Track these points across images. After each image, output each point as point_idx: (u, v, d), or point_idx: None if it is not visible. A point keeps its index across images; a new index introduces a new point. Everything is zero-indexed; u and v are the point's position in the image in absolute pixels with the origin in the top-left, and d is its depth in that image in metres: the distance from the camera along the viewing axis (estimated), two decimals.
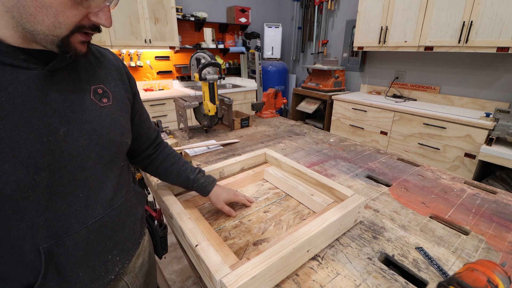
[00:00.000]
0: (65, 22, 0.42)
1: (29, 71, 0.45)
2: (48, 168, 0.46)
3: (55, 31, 0.42)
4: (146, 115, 0.77)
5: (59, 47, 0.44)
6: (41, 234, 0.47)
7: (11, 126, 0.42)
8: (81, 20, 0.44)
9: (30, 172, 0.44)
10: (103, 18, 0.46)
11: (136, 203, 0.69)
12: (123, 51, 3.14)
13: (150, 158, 0.81)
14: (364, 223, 0.84)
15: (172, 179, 0.84)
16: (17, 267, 0.47)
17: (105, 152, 0.55)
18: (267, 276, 0.58)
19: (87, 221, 0.52)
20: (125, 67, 0.67)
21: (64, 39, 0.44)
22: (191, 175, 0.84)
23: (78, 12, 0.43)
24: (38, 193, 0.46)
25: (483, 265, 0.52)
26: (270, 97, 2.11)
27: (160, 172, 0.83)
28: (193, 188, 0.85)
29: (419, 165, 1.25)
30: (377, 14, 2.70)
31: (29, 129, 0.44)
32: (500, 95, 2.33)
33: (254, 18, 4.10)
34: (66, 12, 0.41)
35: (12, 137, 0.42)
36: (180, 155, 0.87)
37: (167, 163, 0.82)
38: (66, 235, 0.49)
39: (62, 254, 0.49)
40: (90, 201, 0.53)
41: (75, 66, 0.53)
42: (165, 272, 1.79)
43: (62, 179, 0.49)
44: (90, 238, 0.53)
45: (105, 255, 0.57)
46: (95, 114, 0.54)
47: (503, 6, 1.92)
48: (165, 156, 0.83)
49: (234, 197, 0.88)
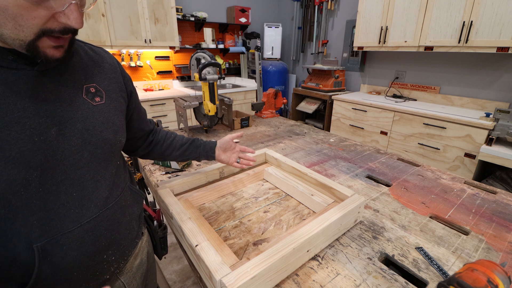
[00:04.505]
0: (26, 25, 0.40)
1: (18, 71, 0.45)
2: (40, 167, 0.47)
3: (20, 34, 0.40)
4: (143, 110, 0.81)
5: (28, 51, 0.43)
6: (35, 233, 0.47)
7: (2, 126, 0.43)
8: (46, 23, 0.41)
9: (22, 172, 0.44)
10: (71, 18, 0.43)
11: (132, 202, 0.69)
12: (123, 51, 3.14)
13: (151, 144, 0.85)
14: (364, 223, 0.84)
15: (179, 150, 0.89)
16: (11, 266, 0.47)
17: (98, 151, 0.56)
18: (267, 276, 0.58)
19: (81, 220, 0.52)
20: (120, 65, 0.67)
21: (31, 44, 0.42)
22: (194, 138, 0.92)
23: (39, 14, 0.40)
24: (30, 192, 0.46)
25: (483, 265, 0.52)
26: (270, 97, 2.11)
27: (164, 149, 0.87)
28: (200, 145, 0.91)
29: (419, 165, 1.25)
30: (377, 14, 2.70)
31: (20, 129, 0.44)
32: (500, 95, 2.33)
33: (254, 18, 4.10)
34: (24, 14, 0.39)
35: (3, 137, 0.43)
36: (176, 133, 0.93)
37: (169, 140, 0.88)
38: (60, 234, 0.49)
39: (56, 253, 0.49)
40: (84, 200, 0.53)
41: (67, 65, 0.53)
42: (165, 272, 1.79)
43: (54, 178, 0.49)
44: (85, 238, 0.53)
45: (100, 255, 0.56)
46: (88, 113, 0.54)
47: (503, 6, 1.92)
48: (164, 135, 0.88)
49: (234, 149, 0.96)
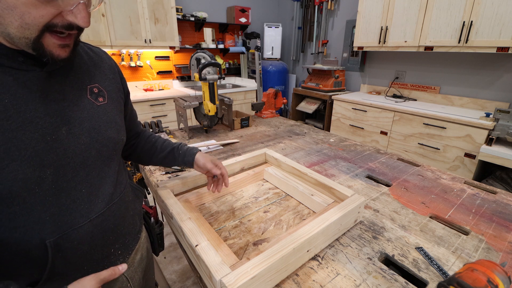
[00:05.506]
0: (32, 23, 0.40)
1: (28, 72, 0.46)
2: (53, 165, 0.48)
3: (25, 32, 0.41)
4: (135, 112, 0.82)
5: (34, 50, 0.43)
6: (47, 229, 0.48)
7: (16, 126, 0.44)
8: (51, 19, 0.42)
9: (36, 170, 0.46)
10: (79, 17, 0.44)
11: (134, 198, 0.72)
12: (123, 51, 3.14)
13: (133, 146, 0.83)
14: (364, 223, 0.84)
15: (157, 156, 0.84)
16: (24, 263, 0.48)
17: (104, 149, 0.57)
18: (267, 276, 0.58)
19: (90, 215, 0.54)
20: (117, 66, 0.69)
21: (35, 41, 0.42)
22: (174, 145, 0.85)
23: (46, 12, 0.41)
24: (44, 190, 0.47)
25: (483, 265, 0.52)
26: (270, 97, 2.11)
27: (144, 153, 0.84)
28: (179, 155, 0.83)
29: (419, 165, 1.25)
30: (377, 14, 2.70)
31: (33, 129, 0.46)
32: (500, 95, 2.33)
33: (254, 18, 4.10)
34: (32, 12, 0.40)
35: (18, 137, 0.44)
36: (160, 136, 0.89)
37: (149, 144, 0.84)
38: (71, 229, 0.51)
39: (68, 248, 0.51)
40: (92, 196, 0.55)
41: (71, 66, 0.55)
42: (165, 272, 1.79)
43: (66, 176, 0.50)
44: (94, 232, 0.55)
45: (108, 248, 0.59)
46: (93, 113, 0.56)
47: (503, 6, 1.92)
48: (145, 138, 0.85)
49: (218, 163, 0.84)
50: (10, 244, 0.46)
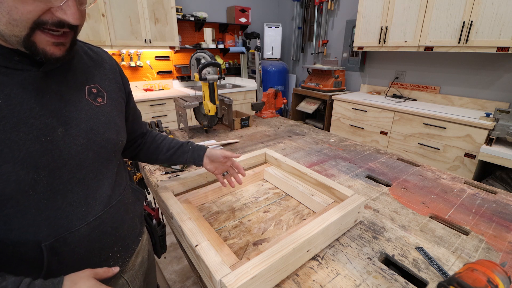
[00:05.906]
0: (20, 19, 0.39)
1: (24, 72, 0.45)
2: (48, 167, 0.47)
3: (14, 30, 0.39)
4: (139, 112, 0.81)
5: (26, 48, 0.42)
6: (43, 232, 0.47)
7: (10, 127, 0.43)
8: (40, 15, 0.40)
9: (30, 172, 0.44)
10: (68, 13, 0.42)
11: (134, 200, 0.70)
12: (123, 51, 3.14)
13: (139, 146, 0.83)
14: (364, 223, 0.84)
15: (165, 153, 0.84)
16: (19, 266, 0.47)
17: (102, 151, 0.56)
18: (267, 276, 0.58)
19: (87, 218, 0.53)
20: (118, 66, 0.68)
21: (26, 39, 0.41)
22: (183, 142, 0.87)
23: (34, 8, 0.39)
24: (38, 192, 0.46)
25: (483, 265, 0.52)
26: (270, 97, 2.11)
27: (151, 151, 0.84)
28: (189, 150, 0.84)
29: (419, 165, 1.25)
30: (377, 14, 2.70)
31: (28, 130, 0.44)
32: (500, 95, 2.33)
33: (254, 18, 4.10)
34: (19, 7, 0.38)
35: (12, 138, 0.43)
36: (167, 135, 0.89)
37: (157, 142, 0.85)
38: (68, 233, 0.50)
39: (65, 251, 0.50)
40: (89, 199, 0.54)
41: (69, 66, 0.53)
42: (165, 272, 1.79)
43: (61, 178, 0.49)
44: (92, 235, 0.54)
45: (106, 252, 0.58)
46: (91, 114, 0.55)
47: (503, 6, 1.92)
48: (153, 137, 0.85)
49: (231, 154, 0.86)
50: (6, 245, 0.45)
